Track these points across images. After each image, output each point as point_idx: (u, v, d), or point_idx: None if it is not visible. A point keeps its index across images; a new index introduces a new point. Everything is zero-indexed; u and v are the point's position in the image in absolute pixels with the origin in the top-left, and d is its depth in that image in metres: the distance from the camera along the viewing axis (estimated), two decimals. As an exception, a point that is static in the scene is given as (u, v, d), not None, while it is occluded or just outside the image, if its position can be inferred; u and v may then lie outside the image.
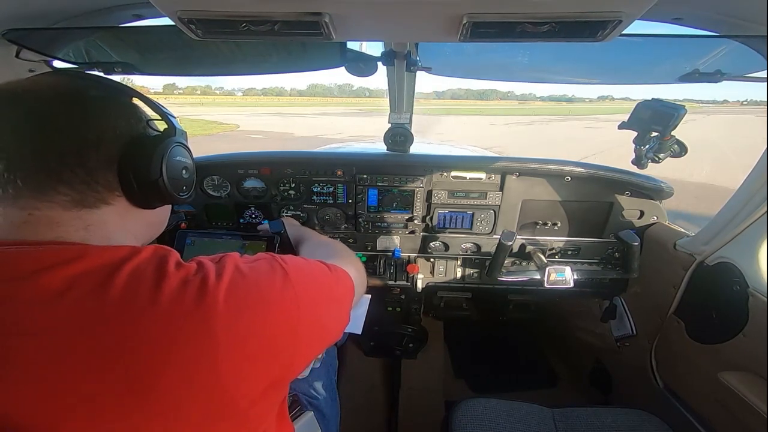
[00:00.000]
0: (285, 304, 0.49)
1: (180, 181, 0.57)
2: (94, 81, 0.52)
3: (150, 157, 0.51)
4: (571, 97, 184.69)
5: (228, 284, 0.45)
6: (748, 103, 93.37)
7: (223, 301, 0.43)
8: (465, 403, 1.14)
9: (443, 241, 1.57)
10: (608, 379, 1.74)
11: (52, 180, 0.44)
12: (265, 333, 0.45)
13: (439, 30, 0.62)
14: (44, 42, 0.93)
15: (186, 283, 0.43)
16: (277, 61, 1.12)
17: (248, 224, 1.58)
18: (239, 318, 0.43)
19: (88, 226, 0.46)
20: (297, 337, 0.49)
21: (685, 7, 0.77)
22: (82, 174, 0.45)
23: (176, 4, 0.53)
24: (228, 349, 0.41)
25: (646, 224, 1.46)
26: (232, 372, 0.42)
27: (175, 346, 0.39)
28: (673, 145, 1.09)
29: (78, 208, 0.46)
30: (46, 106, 0.45)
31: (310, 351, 0.54)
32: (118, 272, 0.41)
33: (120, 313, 0.39)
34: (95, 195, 0.47)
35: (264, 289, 0.48)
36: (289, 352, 0.48)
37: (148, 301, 0.40)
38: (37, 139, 0.43)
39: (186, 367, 0.40)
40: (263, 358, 0.45)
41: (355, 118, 29.87)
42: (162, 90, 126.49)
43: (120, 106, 0.51)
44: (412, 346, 1.79)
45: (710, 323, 1.16)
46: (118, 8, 0.88)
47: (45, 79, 0.49)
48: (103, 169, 0.47)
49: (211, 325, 0.41)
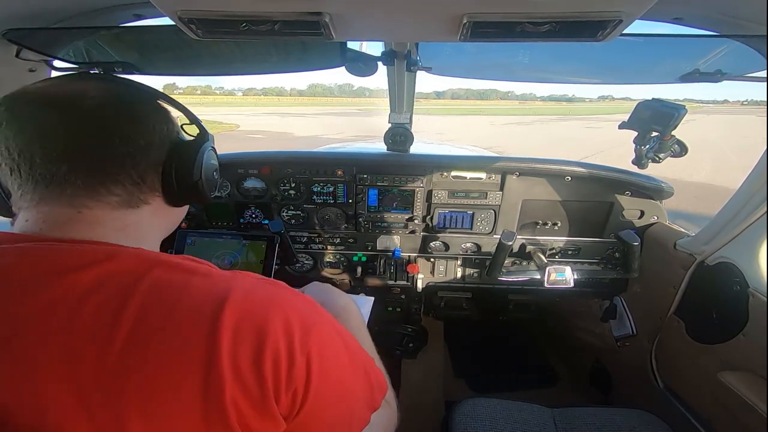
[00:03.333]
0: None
1: (213, 182, 0.61)
2: (134, 86, 0.54)
3: (193, 160, 0.54)
4: (571, 97, 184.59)
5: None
6: (749, 103, 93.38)
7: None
8: (465, 402, 1.14)
9: (443, 241, 1.57)
10: (608, 379, 1.74)
11: (109, 181, 0.46)
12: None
13: (439, 30, 0.62)
14: (44, 42, 0.93)
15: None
16: (277, 61, 1.13)
17: (248, 224, 1.58)
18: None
19: (125, 226, 0.48)
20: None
21: (685, 7, 0.77)
22: (135, 176, 0.48)
23: (176, 4, 0.53)
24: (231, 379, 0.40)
25: (647, 224, 1.46)
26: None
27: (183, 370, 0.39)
28: (673, 144, 1.09)
29: (124, 208, 0.48)
30: (100, 112, 0.47)
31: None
32: (143, 279, 0.41)
33: (138, 323, 0.38)
34: (141, 196, 0.50)
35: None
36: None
37: (165, 317, 0.40)
38: (95, 143, 0.45)
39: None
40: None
41: (355, 118, 29.87)
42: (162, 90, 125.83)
43: (160, 111, 0.54)
44: (412, 346, 1.79)
45: (710, 323, 1.16)
46: (118, 8, 0.88)
47: (90, 84, 0.49)
48: (151, 171, 0.50)
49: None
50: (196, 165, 0.55)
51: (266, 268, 1.26)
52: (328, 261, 1.67)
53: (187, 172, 0.53)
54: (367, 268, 1.63)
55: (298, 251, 1.60)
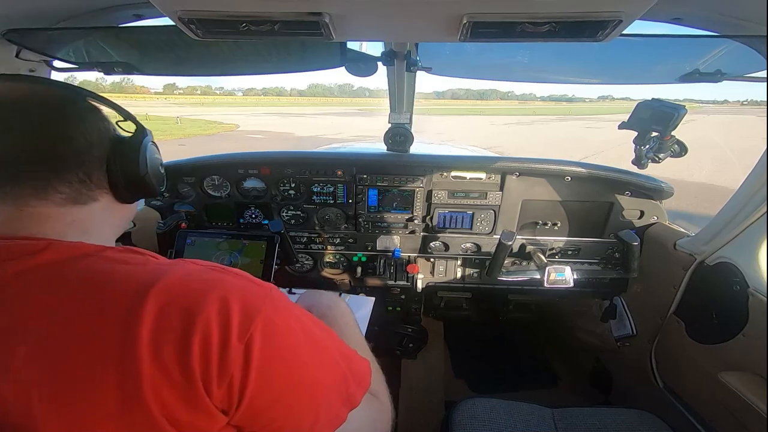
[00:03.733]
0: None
1: (160, 176, 0.63)
2: (66, 87, 0.55)
3: (136, 155, 0.56)
4: (571, 97, 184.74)
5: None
6: (749, 103, 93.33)
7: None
8: (465, 402, 1.14)
9: (443, 241, 1.57)
10: (608, 379, 1.74)
11: (55, 180, 0.47)
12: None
13: (439, 30, 0.62)
14: (44, 42, 0.93)
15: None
16: (277, 61, 1.13)
17: (248, 224, 1.58)
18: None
19: (73, 221, 0.49)
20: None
21: (685, 7, 0.77)
22: (81, 174, 0.49)
23: (176, 4, 0.53)
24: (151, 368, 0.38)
25: (646, 224, 1.46)
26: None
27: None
28: (673, 145, 1.09)
29: (71, 205, 0.49)
30: (42, 115, 0.48)
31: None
32: (68, 271, 0.42)
33: (58, 314, 0.39)
34: (88, 193, 0.50)
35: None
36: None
37: (85, 306, 0.40)
38: (38, 145, 0.46)
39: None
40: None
41: (355, 118, 29.87)
42: (162, 90, 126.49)
43: (94, 110, 0.55)
44: (412, 346, 1.79)
45: (710, 323, 1.16)
46: (118, 8, 0.88)
47: (25, 88, 0.51)
48: (97, 168, 0.51)
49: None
50: (141, 159, 0.56)
51: (266, 268, 1.26)
52: (328, 261, 1.67)
53: (132, 167, 0.55)
54: (367, 268, 1.63)
55: (298, 251, 1.60)
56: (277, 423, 0.45)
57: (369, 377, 0.56)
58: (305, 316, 0.51)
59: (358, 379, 0.53)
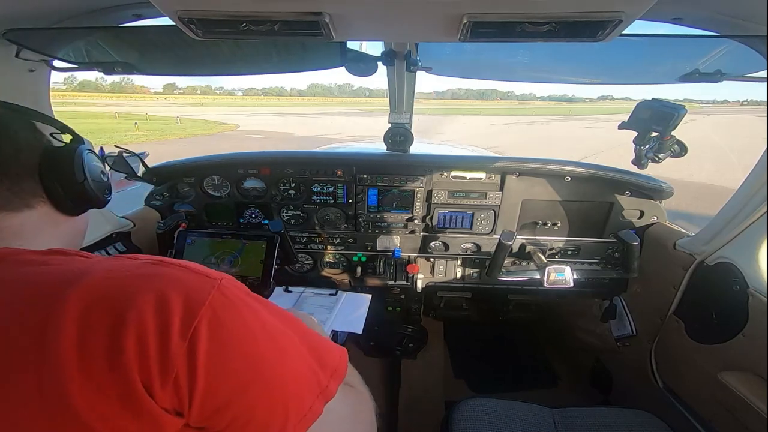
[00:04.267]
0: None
1: (102, 184, 0.62)
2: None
3: (71, 162, 0.56)
4: (571, 97, 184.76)
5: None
6: (749, 103, 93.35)
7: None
8: (465, 402, 1.14)
9: (443, 241, 1.57)
10: (608, 379, 1.74)
11: None
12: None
13: (439, 30, 0.62)
14: (44, 42, 0.93)
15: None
16: (277, 61, 1.13)
17: (248, 224, 1.58)
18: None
19: (2, 228, 0.48)
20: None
21: (685, 7, 0.77)
22: (7, 182, 0.49)
23: (176, 4, 0.53)
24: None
25: (646, 224, 1.46)
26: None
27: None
28: (673, 145, 1.09)
29: (1, 212, 0.49)
30: None
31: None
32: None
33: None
34: (19, 200, 0.50)
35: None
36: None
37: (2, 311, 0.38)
38: None
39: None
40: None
41: (355, 118, 29.87)
42: (162, 90, 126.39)
43: (22, 123, 0.55)
44: (412, 346, 1.79)
45: (710, 323, 1.16)
46: (118, 8, 0.88)
47: None
48: (27, 176, 0.51)
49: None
50: (76, 167, 0.56)
51: (266, 268, 1.26)
52: (327, 261, 1.67)
53: (67, 175, 0.55)
54: (366, 268, 1.63)
55: (298, 251, 1.60)
56: (240, 421, 0.41)
57: (343, 366, 0.53)
58: (263, 307, 0.47)
59: (330, 370, 0.50)
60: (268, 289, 1.27)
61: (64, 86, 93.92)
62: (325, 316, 1.28)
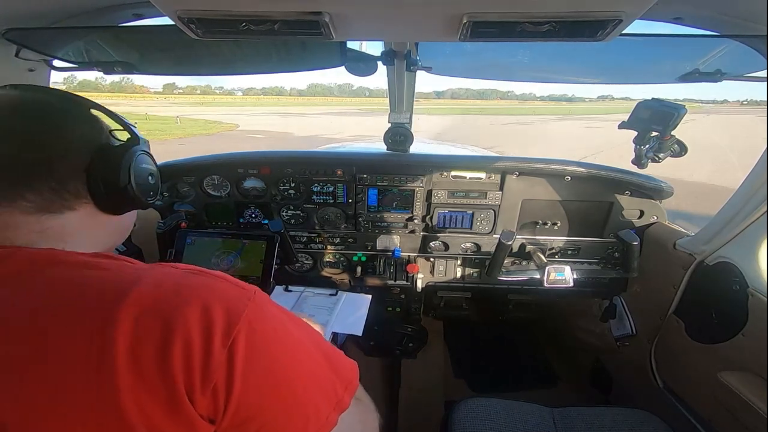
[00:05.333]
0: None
1: (147, 187, 0.60)
2: (54, 94, 0.54)
3: (118, 164, 0.54)
4: (571, 96, 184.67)
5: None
6: (749, 103, 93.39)
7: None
8: (465, 402, 1.14)
9: (443, 241, 1.57)
10: (608, 379, 1.74)
11: (20, 188, 0.45)
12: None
13: (439, 29, 0.62)
14: (44, 41, 0.93)
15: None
16: (277, 61, 1.13)
17: (248, 224, 1.58)
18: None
19: (44, 230, 0.47)
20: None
21: (685, 6, 0.77)
22: (52, 182, 0.47)
23: (176, 4, 0.53)
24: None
25: (646, 224, 1.46)
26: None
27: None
28: (673, 144, 1.09)
29: (40, 214, 0.47)
30: (11, 121, 0.47)
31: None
32: (35, 280, 0.41)
33: (27, 324, 0.38)
34: (62, 202, 0.49)
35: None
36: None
37: (55, 315, 0.38)
38: (15, 153, 0.46)
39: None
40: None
41: (355, 118, 29.86)
42: (162, 90, 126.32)
43: (81, 118, 0.54)
44: (412, 345, 1.79)
45: (710, 323, 1.16)
46: (118, 7, 0.88)
47: (6, 94, 0.51)
48: (74, 178, 0.49)
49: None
50: (123, 169, 0.54)
51: (266, 268, 1.26)
52: (327, 261, 1.67)
53: (113, 176, 0.53)
54: (366, 268, 1.63)
55: (297, 251, 1.60)
56: (266, 429, 0.43)
57: (356, 379, 0.54)
58: (288, 319, 0.50)
59: (345, 382, 0.52)
60: (268, 288, 1.27)
61: (64, 86, 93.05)
62: (325, 318, 1.28)
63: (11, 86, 0.54)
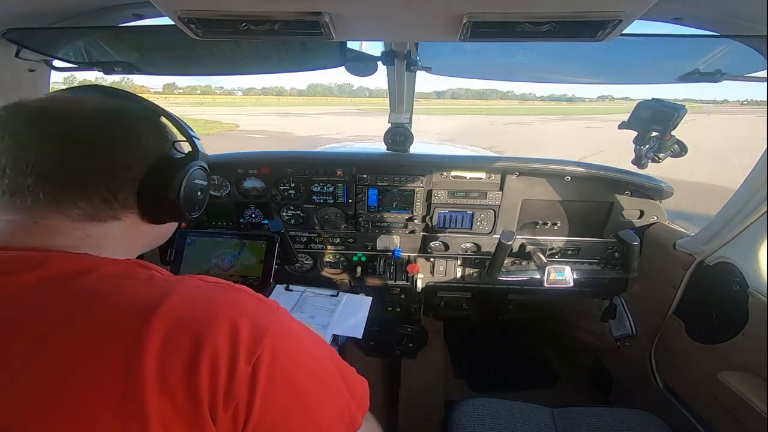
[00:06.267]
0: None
1: (194, 202, 0.59)
2: (129, 101, 0.54)
3: (172, 178, 0.53)
4: (571, 96, 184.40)
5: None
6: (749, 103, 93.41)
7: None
8: (465, 402, 1.14)
9: (443, 241, 1.57)
10: (608, 379, 1.74)
11: (75, 196, 0.45)
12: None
13: (439, 29, 0.62)
14: (44, 41, 0.93)
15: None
16: (277, 61, 1.13)
17: (248, 224, 1.58)
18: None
19: (86, 236, 0.47)
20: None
21: (685, 7, 0.77)
22: (106, 192, 0.47)
23: (176, 4, 0.53)
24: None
25: (646, 224, 1.46)
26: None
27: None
28: (673, 144, 1.09)
29: (86, 221, 0.47)
30: (86, 129, 0.47)
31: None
32: (70, 286, 0.41)
33: (58, 329, 0.38)
34: (109, 211, 0.48)
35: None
36: None
37: (87, 322, 0.38)
38: (71, 159, 0.45)
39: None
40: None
41: (355, 118, 29.87)
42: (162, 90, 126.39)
43: (151, 127, 0.53)
44: (412, 345, 1.79)
45: (710, 323, 1.16)
46: (118, 8, 0.88)
47: (84, 100, 0.50)
48: (126, 188, 0.49)
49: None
50: (175, 183, 0.53)
51: (266, 268, 1.26)
52: (327, 261, 1.67)
53: (163, 189, 0.52)
54: (366, 268, 1.63)
55: (297, 251, 1.60)
56: None
57: (367, 398, 0.54)
58: (305, 334, 0.50)
59: (358, 401, 0.52)
60: (268, 288, 1.27)
61: (64, 86, 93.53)
62: (326, 319, 1.28)
63: (94, 87, 0.53)
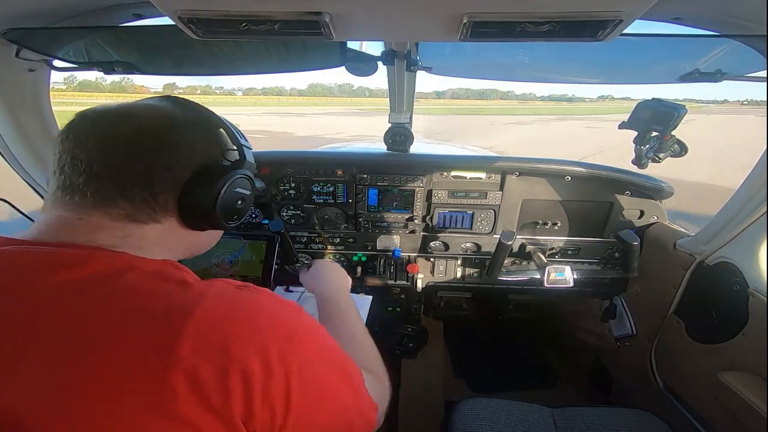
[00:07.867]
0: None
1: (233, 211, 0.59)
2: (191, 110, 0.55)
3: (212, 186, 0.53)
4: (571, 96, 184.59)
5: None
6: (749, 103, 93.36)
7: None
8: (465, 402, 1.14)
9: (443, 241, 1.57)
10: (608, 379, 1.74)
11: (118, 196, 0.47)
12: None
13: (439, 29, 0.62)
14: (44, 42, 0.93)
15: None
16: (277, 61, 1.12)
17: (248, 224, 1.58)
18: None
19: (126, 236, 0.48)
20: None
21: (685, 6, 0.77)
22: (147, 194, 0.48)
23: (176, 4, 0.53)
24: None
25: (646, 224, 1.46)
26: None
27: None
28: (673, 144, 1.09)
29: (127, 221, 0.48)
30: (135, 132, 0.48)
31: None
32: (110, 284, 0.41)
33: (92, 328, 0.38)
34: (150, 213, 0.49)
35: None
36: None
37: (123, 322, 0.39)
38: (115, 159, 0.47)
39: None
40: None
41: (355, 118, 29.87)
42: (162, 90, 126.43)
43: (204, 135, 0.55)
44: (412, 345, 1.79)
45: (710, 323, 1.16)
46: (118, 8, 0.88)
47: (146, 106, 0.52)
48: (167, 191, 0.50)
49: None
50: (213, 190, 0.53)
51: (266, 268, 1.26)
52: (328, 261, 1.67)
53: (204, 196, 0.52)
54: (367, 268, 1.63)
55: (298, 251, 1.60)
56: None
57: (358, 371, 0.57)
58: (322, 328, 0.52)
59: (357, 376, 0.55)
60: (268, 288, 1.27)
61: (64, 86, 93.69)
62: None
63: (166, 97, 0.55)
